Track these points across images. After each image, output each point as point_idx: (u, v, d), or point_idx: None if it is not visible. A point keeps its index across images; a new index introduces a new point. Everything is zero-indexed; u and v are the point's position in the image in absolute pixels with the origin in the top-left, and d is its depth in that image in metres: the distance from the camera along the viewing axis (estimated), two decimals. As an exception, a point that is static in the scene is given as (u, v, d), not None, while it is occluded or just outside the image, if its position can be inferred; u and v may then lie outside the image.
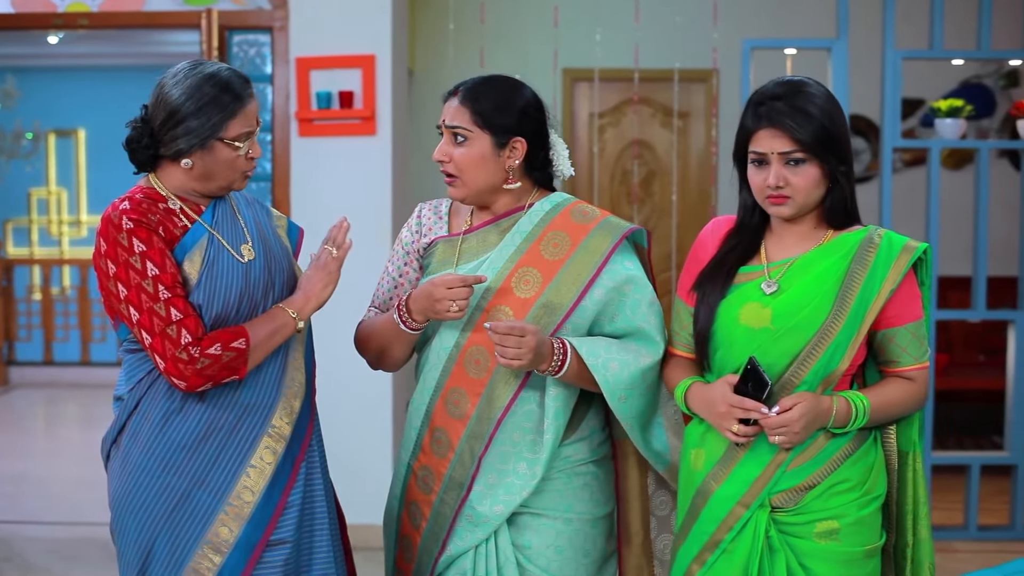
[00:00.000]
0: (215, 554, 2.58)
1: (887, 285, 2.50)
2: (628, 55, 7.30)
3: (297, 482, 2.66)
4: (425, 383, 2.79)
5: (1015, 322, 5.68)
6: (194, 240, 2.60)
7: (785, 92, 2.49)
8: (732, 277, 2.56)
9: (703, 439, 2.61)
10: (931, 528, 2.64)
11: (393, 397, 5.55)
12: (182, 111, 2.55)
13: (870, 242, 2.52)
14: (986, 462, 5.76)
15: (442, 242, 2.83)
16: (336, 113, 5.39)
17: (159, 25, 5.56)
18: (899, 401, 2.56)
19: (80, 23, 5.49)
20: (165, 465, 2.58)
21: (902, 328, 2.54)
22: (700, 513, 2.58)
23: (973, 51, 5.84)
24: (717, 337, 2.56)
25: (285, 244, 2.81)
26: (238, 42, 5.59)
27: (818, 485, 2.52)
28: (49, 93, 12.02)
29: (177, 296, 2.51)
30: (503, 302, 2.71)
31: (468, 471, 2.73)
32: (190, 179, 2.62)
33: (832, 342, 2.47)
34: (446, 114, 2.78)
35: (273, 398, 2.64)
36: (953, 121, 5.70)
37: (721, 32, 7.23)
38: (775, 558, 2.53)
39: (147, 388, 2.61)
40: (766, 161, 2.49)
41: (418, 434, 2.81)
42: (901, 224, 5.37)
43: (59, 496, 6.81)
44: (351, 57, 5.40)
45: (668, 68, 7.38)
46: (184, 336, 2.48)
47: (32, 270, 11.82)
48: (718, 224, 2.68)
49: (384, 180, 5.46)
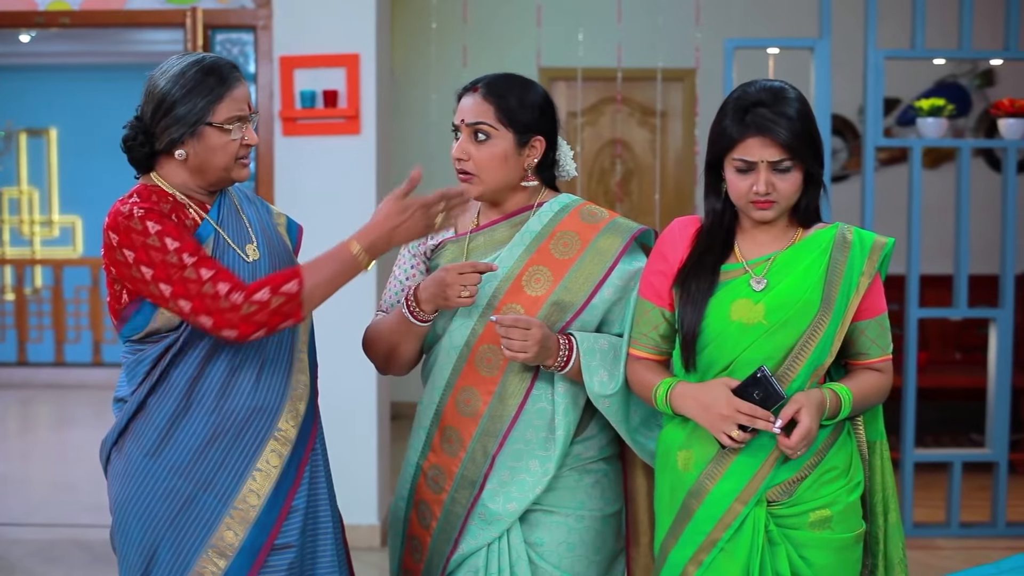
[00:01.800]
0: (220, 558, 2.55)
1: (864, 279, 2.54)
2: (610, 54, 7.31)
3: (301, 486, 2.64)
4: (435, 382, 2.78)
5: (997, 320, 5.73)
6: (204, 237, 2.58)
7: (769, 99, 2.49)
8: (717, 275, 2.57)
9: (689, 440, 2.61)
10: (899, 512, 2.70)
11: (377, 397, 5.54)
12: (168, 99, 2.53)
13: (843, 239, 2.56)
14: (968, 459, 5.80)
15: (451, 243, 2.82)
16: (320, 112, 5.38)
17: (142, 24, 5.53)
18: (873, 391, 2.60)
19: (62, 21, 5.45)
20: (171, 468, 2.55)
21: (873, 320, 2.59)
22: (695, 513, 2.57)
23: (955, 51, 5.88)
24: (706, 334, 2.55)
25: (286, 242, 2.79)
26: (221, 41, 5.56)
27: (809, 475, 2.55)
28: (21, 92, 11.91)
29: (203, 258, 2.47)
30: (514, 300, 2.71)
31: (481, 469, 2.72)
32: (188, 173, 2.59)
33: (823, 335, 2.51)
34: (465, 111, 2.74)
35: (279, 401, 2.62)
36: (935, 120, 5.74)
37: (704, 32, 7.25)
38: (776, 551, 2.54)
39: (150, 389, 2.57)
40: (752, 168, 2.50)
41: (427, 433, 2.80)
42: (878, 222, 5.41)
43: (39, 498, 6.78)
44: (335, 56, 5.38)
45: (650, 67, 7.40)
46: (221, 287, 2.43)
47: (4, 270, 11.72)
48: (683, 224, 2.67)
49: (368, 179, 5.45)
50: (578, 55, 7.23)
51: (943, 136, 5.80)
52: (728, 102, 2.53)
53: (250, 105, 2.61)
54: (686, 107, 8.33)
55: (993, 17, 6.55)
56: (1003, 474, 5.73)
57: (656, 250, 2.67)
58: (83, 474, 7.01)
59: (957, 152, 5.78)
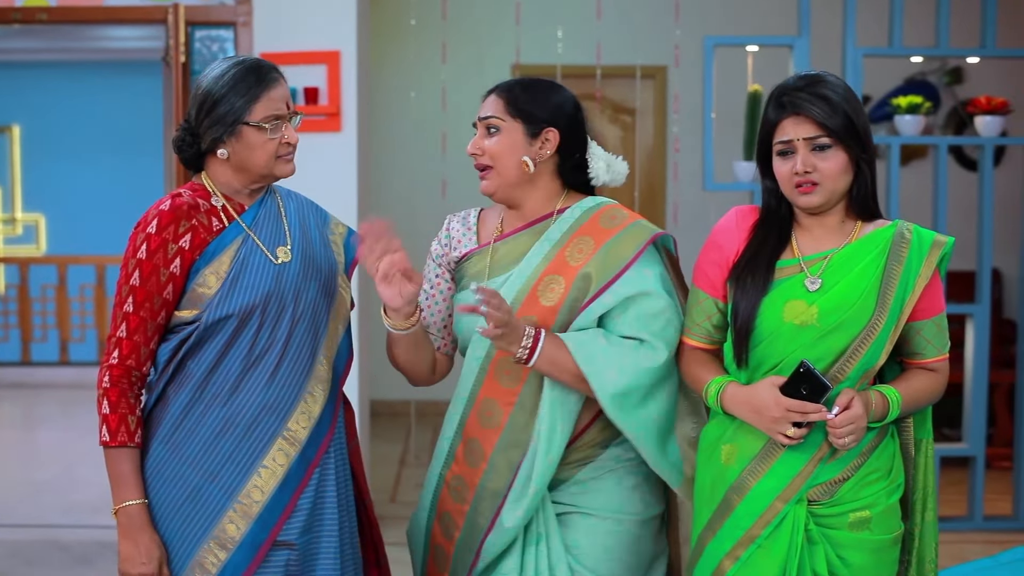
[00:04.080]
0: (220, 550, 2.60)
1: (921, 280, 2.53)
2: (589, 52, 7.32)
3: (309, 487, 2.67)
4: (459, 393, 2.77)
5: (974, 316, 5.78)
6: (224, 244, 2.64)
7: (806, 83, 2.52)
8: (772, 272, 2.55)
9: (734, 434, 2.61)
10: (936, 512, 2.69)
11: (359, 394, 5.52)
12: (210, 99, 2.61)
13: (902, 237, 2.54)
14: (946, 454, 5.85)
15: (475, 255, 2.81)
16: (301, 109, 5.31)
17: (122, 20, 5.48)
18: (925, 392, 2.59)
19: (39, 18, 5.39)
20: (181, 456, 2.61)
21: (929, 321, 2.58)
22: (735, 509, 2.57)
23: (933, 48, 5.93)
24: (758, 333, 2.54)
25: (333, 253, 2.80)
26: (201, 38, 5.51)
27: (851, 477, 2.55)
28: (-17, 89, 11.82)
29: (137, 314, 2.58)
30: (529, 311, 2.68)
31: (504, 481, 2.70)
32: (231, 173, 2.67)
33: (876, 338, 2.50)
34: (480, 110, 2.76)
35: (292, 402, 2.65)
36: (913, 118, 5.79)
37: (683, 29, 7.27)
38: (815, 550, 2.54)
39: (169, 378, 2.64)
40: (792, 150, 2.51)
41: (451, 444, 2.78)
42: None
43: (13, 499, 6.68)
44: (316, 53, 5.36)
45: (629, 65, 7.42)
46: (113, 355, 2.59)
47: (-32, 270, 11.60)
48: (742, 214, 2.66)
49: (350, 176, 5.44)
50: (557, 52, 7.23)
51: (920, 134, 5.86)
52: (771, 93, 2.57)
53: (289, 104, 2.67)
54: (657, 104, 8.35)
55: (967, 14, 6.61)
56: (980, 469, 5.78)
57: (711, 239, 2.66)
58: (54, 474, 6.95)
59: (934, 150, 5.82)
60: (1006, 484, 6.28)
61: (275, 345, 2.63)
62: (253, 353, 2.62)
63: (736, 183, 5.97)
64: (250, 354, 2.62)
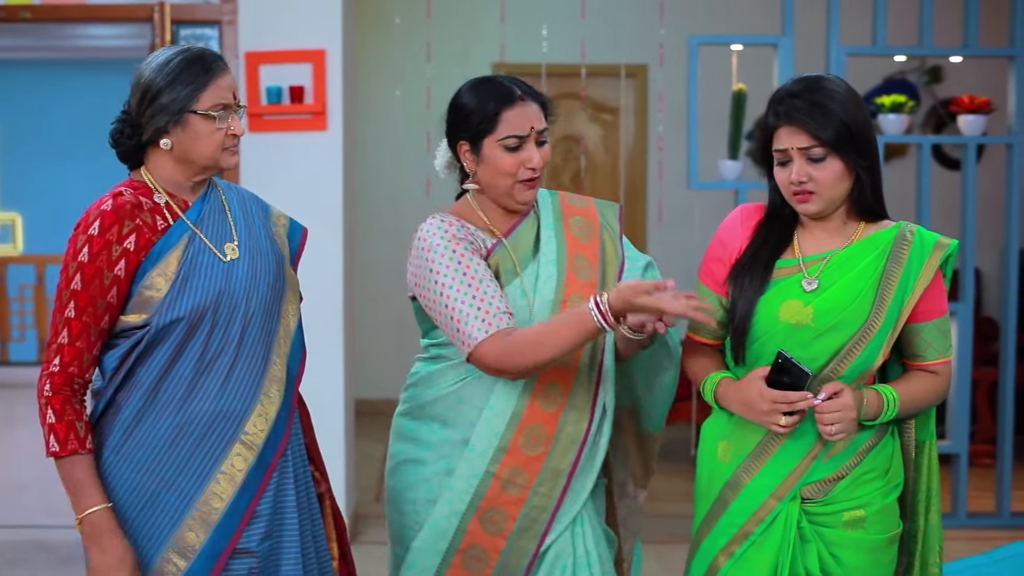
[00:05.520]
0: (180, 559, 2.55)
1: (921, 282, 2.54)
2: (573, 51, 7.33)
3: (267, 492, 2.62)
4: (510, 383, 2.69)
5: (957, 314, 5.81)
6: (171, 244, 2.56)
7: (803, 89, 2.52)
8: (770, 272, 2.57)
9: (730, 431, 2.63)
10: (941, 514, 2.70)
11: (344, 393, 5.52)
12: (153, 88, 2.54)
13: (903, 239, 2.55)
14: (930, 451, 5.87)
15: (497, 250, 2.71)
16: (286, 108, 5.34)
17: (108, 19, 5.45)
18: (925, 394, 2.60)
19: (23, 16, 5.35)
20: (134, 464, 2.54)
21: (929, 323, 2.59)
22: (730, 505, 2.60)
23: (916, 47, 5.97)
24: (755, 331, 2.56)
25: (279, 245, 2.75)
26: (185, 36, 5.48)
27: (846, 476, 2.57)
28: (-40, 87, 11.74)
29: (80, 319, 2.50)
30: (575, 291, 2.66)
31: (570, 458, 2.67)
32: (173, 165, 2.59)
33: (871, 340, 2.51)
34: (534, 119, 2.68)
35: (248, 405, 2.59)
36: (896, 116, 5.82)
37: (667, 28, 7.28)
38: (807, 548, 2.56)
39: (118, 386, 2.56)
40: (789, 159, 2.52)
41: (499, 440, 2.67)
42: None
43: (-5, 499, 6.67)
44: (301, 51, 5.34)
45: (613, 64, 7.43)
46: (54, 362, 2.51)
47: (-56, 268, 11.53)
48: (747, 212, 2.69)
49: (335, 175, 5.42)
50: (542, 51, 7.23)
51: (902, 133, 5.89)
52: (772, 96, 2.57)
53: (236, 95, 2.62)
54: (638, 103, 8.37)
55: (949, 14, 6.64)
56: (964, 466, 5.82)
57: (717, 236, 2.68)
58: (35, 475, 6.89)
59: (916, 148, 5.86)
60: (988, 481, 6.30)
61: (228, 347, 2.57)
62: (206, 356, 2.55)
63: (721, 181, 5.99)
64: (203, 358, 2.55)
